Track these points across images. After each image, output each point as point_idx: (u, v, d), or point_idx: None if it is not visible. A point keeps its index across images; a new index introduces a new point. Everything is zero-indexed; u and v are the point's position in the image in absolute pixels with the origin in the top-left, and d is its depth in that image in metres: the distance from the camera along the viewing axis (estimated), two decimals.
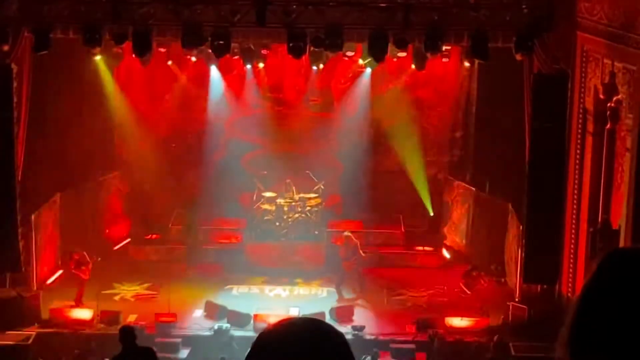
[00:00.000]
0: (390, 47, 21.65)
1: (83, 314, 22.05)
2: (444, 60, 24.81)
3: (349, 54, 24.31)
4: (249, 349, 2.76)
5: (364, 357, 19.43)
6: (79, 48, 21.74)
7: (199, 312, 22.73)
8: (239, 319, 22.02)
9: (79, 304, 22.38)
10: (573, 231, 21.39)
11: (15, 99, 21.21)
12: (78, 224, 25.44)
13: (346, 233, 24.78)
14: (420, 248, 26.76)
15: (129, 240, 27.00)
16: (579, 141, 21.14)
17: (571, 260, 21.42)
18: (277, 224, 26.14)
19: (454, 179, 27.48)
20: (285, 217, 26.16)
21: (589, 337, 2.56)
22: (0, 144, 21.11)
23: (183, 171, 28.40)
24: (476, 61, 23.95)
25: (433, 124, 28.18)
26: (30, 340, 20.78)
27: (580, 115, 21.02)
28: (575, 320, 2.59)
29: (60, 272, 24.50)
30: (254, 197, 26.83)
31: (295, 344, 2.69)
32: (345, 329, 20.30)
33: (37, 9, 21.01)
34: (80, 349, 20.58)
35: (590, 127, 20.74)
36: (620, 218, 19.24)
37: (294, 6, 21.22)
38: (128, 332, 13.48)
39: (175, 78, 27.47)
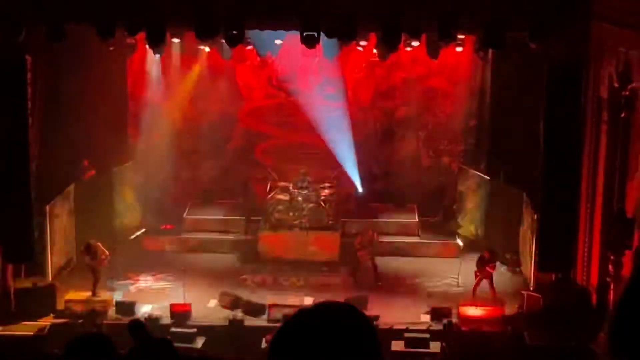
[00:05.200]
0: (404, 36, 21.61)
1: (98, 304, 22.11)
2: (458, 49, 24.74)
3: (363, 43, 24.28)
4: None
5: None
6: (92, 39, 21.74)
7: (213, 302, 22.77)
8: (253, 308, 22.06)
9: (94, 294, 22.45)
10: (588, 220, 21.35)
11: (29, 90, 21.26)
12: (92, 214, 25.50)
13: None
14: (435, 237, 26.76)
15: (143, 230, 27.06)
16: (593, 130, 21.09)
17: (586, 249, 21.39)
18: (291, 214, 26.12)
19: (469, 168, 27.43)
20: (299, 207, 26.16)
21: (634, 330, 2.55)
22: (15, 135, 21.18)
23: (197, 161, 28.45)
24: (490, 50, 23.88)
25: (447, 113, 28.15)
26: (46, 331, 20.86)
27: (595, 104, 20.96)
28: (620, 312, 2.58)
29: (75, 262, 24.57)
30: (268, 187, 26.83)
31: (325, 328, 2.70)
32: None
33: (50, 0, 21.03)
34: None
35: (605, 115, 20.68)
36: (635, 207, 19.19)
37: None
38: (137, 326, 13.47)
39: (189, 68, 27.49)
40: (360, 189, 27.69)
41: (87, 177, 25.87)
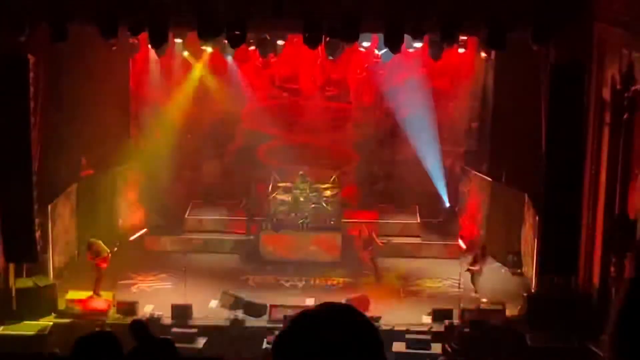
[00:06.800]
0: (406, 37, 21.61)
1: (100, 304, 22.12)
2: (461, 50, 24.74)
3: (365, 44, 24.28)
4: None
5: None
6: (95, 38, 21.74)
7: (215, 303, 22.78)
8: (254, 309, 22.06)
9: (96, 294, 22.46)
10: (590, 221, 21.32)
11: (32, 90, 21.26)
12: (94, 214, 25.52)
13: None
14: (436, 239, 26.76)
15: (145, 230, 27.07)
16: (596, 131, 21.06)
17: (588, 251, 21.36)
18: (293, 214, 26.16)
19: (471, 170, 27.44)
20: (301, 207, 26.18)
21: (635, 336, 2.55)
22: (17, 134, 21.17)
23: (199, 162, 28.46)
24: (493, 51, 23.87)
25: (449, 115, 28.15)
26: (47, 331, 20.85)
27: (598, 106, 20.94)
28: (620, 319, 2.58)
29: (77, 262, 24.58)
30: (270, 188, 26.86)
31: (327, 329, 2.70)
32: None
33: (53, 0, 21.03)
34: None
35: (607, 117, 20.65)
36: (637, 209, 19.17)
37: None
38: (139, 326, 13.48)
39: (191, 69, 27.50)
40: (362, 190, 27.73)
41: (84, 176, 25.87)
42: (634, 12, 18.87)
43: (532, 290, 22.50)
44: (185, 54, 26.64)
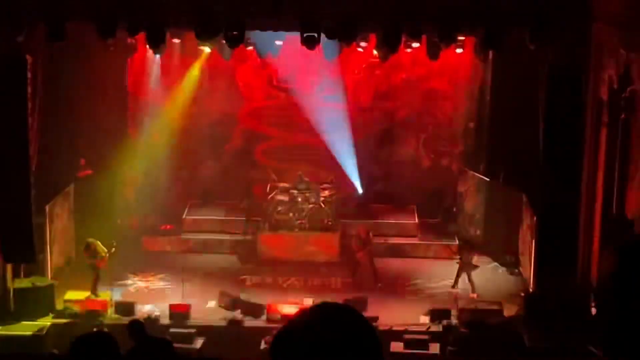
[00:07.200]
0: (404, 38, 21.61)
1: (97, 304, 22.10)
2: (458, 50, 24.74)
3: (363, 44, 24.26)
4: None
5: None
6: (93, 38, 21.74)
7: (213, 303, 22.77)
8: (252, 309, 22.07)
9: (93, 294, 22.44)
10: (587, 222, 21.34)
11: (30, 90, 21.25)
12: (92, 214, 25.49)
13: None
14: (434, 239, 26.76)
15: (143, 231, 27.04)
16: (593, 131, 21.08)
17: (585, 251, 21.38)
18: (291, 214, 26.15)
19: (468, 170, 27.43)
20: (299, 207, 26.17)
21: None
22: (14, 134, 21.15)
23: (197, 162, 28.44)
24: (490, 52, 23.87)
25: (447, 115, 28.15)
26: (45, 331, 20.84)
27: (595, 106, 20.96)
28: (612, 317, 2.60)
29: (74, 262, 24.57)
30: (268, 188, 26.85)
31: (325, 328, 2.71)
32: None
33: (51, 0, 21.02)
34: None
35: (604, 117, 20.69)
36: (634, 208, 19.19)
37: None
38: (136, 326, 13.49)
39: (189, 69, 27.47)
40: (359, 190, 27.70)
41: (82, 176, 25.88)
42: (632, 12, 18.89)
43: (530, 290, 22.50)
44: (183, 54, 26.61)
